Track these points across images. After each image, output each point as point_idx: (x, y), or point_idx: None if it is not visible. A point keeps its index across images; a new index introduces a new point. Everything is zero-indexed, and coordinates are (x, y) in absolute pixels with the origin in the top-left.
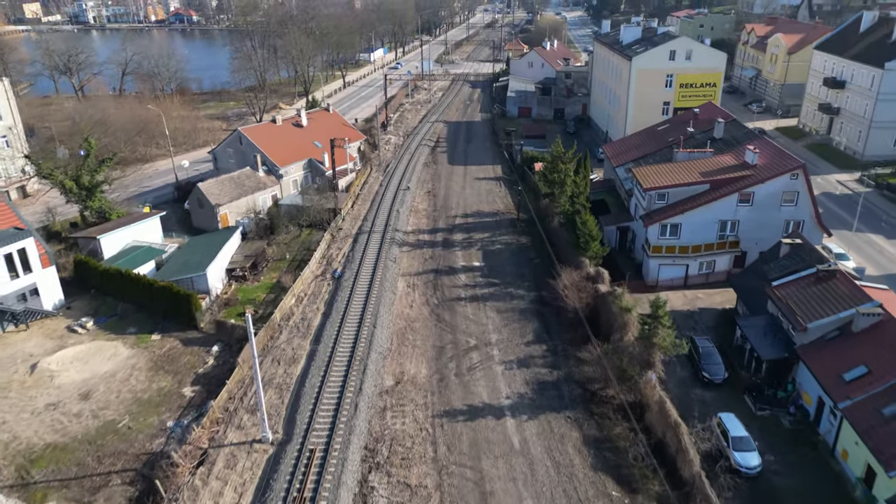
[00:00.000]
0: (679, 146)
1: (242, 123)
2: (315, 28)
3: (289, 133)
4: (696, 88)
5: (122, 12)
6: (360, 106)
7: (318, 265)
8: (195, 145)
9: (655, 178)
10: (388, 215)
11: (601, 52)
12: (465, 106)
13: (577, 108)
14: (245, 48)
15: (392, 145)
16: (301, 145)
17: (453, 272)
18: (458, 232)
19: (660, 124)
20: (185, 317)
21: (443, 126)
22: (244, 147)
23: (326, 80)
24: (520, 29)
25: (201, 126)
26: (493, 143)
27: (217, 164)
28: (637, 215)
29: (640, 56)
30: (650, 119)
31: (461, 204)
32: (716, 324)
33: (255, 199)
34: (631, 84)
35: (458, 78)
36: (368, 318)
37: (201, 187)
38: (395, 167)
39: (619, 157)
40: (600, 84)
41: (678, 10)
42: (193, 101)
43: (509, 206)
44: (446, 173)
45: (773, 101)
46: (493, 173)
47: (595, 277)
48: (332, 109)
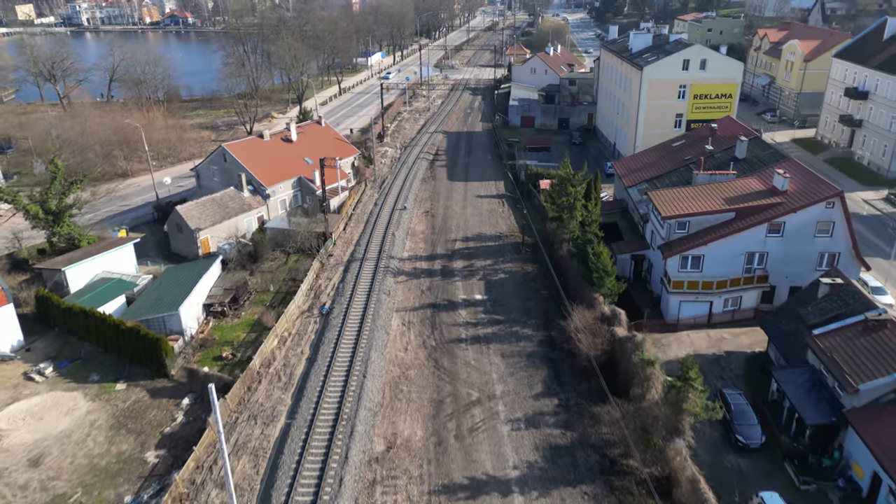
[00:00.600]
0: (700, 167)
1: (232, 134)
2: (310, 32)
3: (277, 149)
4: (710, 100)
5: (116, 14)
6: (355, 115)
7: (304, 299)
8: (180, 158)
9: (675, 204)
10: (382, 239)
11: (609, 59)
12: (465, 115)
13: (582, 118)
14: (237, 53)
15: (388, 158)
16: (290, 162)
17: (453, 307)
18: (459, 258)
19: (674, 140)
20: (154, 363)
21: (442, 137)
22: (228, 164)
23: (322, 86)
24: (521, 32)
25: (188, 137)
26: (494, 156)
27: (200, 181)
28: (654, 244)
29: (652, 65)
30: (662, 132)
31: (461, 226)
32: (746, 372)
33: (240, 221)
34: (642, 95)
35: (457, 84)
36: (358, 364)
37: (180, 211)
38: (391, 183)
39: (632, 176)
40: (608, 93)
41: (684, 13)
42: (182, 108)
43: (513, 229)
44: (446, 190)
45: (789, 111)
46: (495, 190)
47: (610, 318)
48: (324, 122)
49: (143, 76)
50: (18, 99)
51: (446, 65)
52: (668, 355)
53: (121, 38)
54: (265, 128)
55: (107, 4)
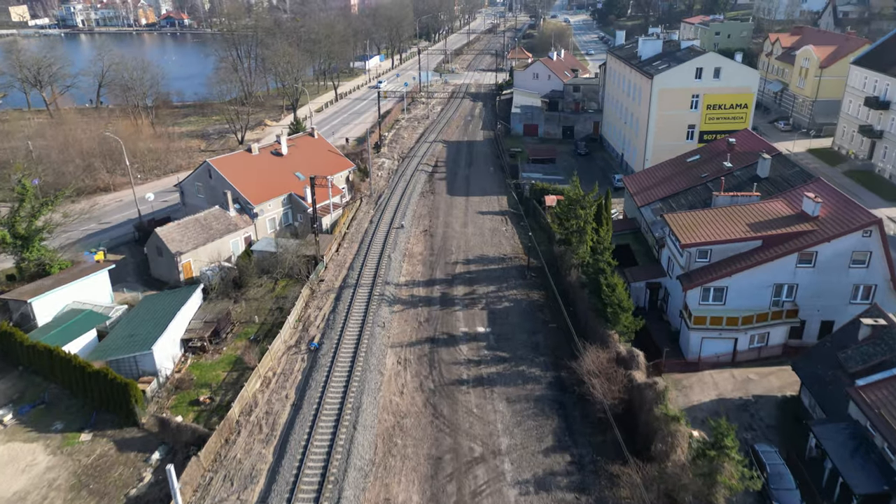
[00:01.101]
0: (720, 188)
1: (223, 143)
2: (305, 35)
3: (266, 164)
4: (724, 110)
5: (111, 16)
6: (352, 122)
7: (291, 332)
8: (167, 170)
9: (694, 229)
10: (377, 262)
11: (616, 66)
12: (465, 123)
13: (588, 127)
14: (230, 58)
15: (386, 170)
16: (280, 178)
17: (453, 341)
18: (459, 284)
19: (688, 154)
20: (122, 410)
21: (442, 147)
22: (214, 181)
23: (318, 91)
24: (522, 34)
25: (176, 147)
26: (496, 168)
27: (184, 198)
28: (672, 272)
29: (663, 74)
30: (673, 144)
31: (462, 246)
32: (778, 421)
33: (225, 243)
34: (652, 105)
35: (457, 90)
36: (348, 412)
37: (160, 233)
38: (388, 198)
39: (644, 193)
40: (615, 102)
41: (689, 15)
42: (172, 115)
43: (517, 250)
44: (445, 206)
45: (803, 119)
46: (497, 206)
47: (627, 361)
48: (316, 133)
49: (129, 82)
50: (5, 105)
51: (446, 69)
52: (691, 399)
53: (115, 40)
54: (258, 136)
55: (102, 6)
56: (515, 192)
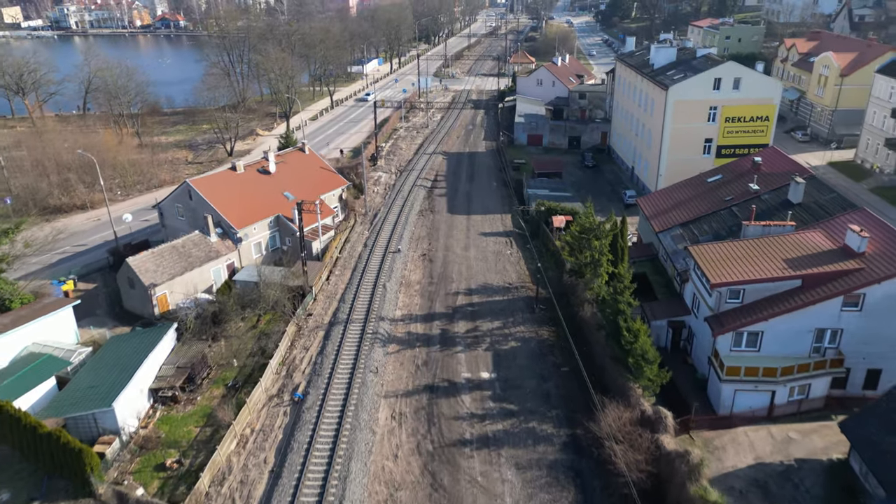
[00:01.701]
0: (750, 216)
1: (212, 154)
2: (298, 41)
3: (252, 183)
4: (744, 123)
5: (105, 17)
6: (347, 132)
7: (273, 379)
8: (150, 185)
9: (724, 265)
10: (371, 293)
11: (626, 74)
12: (466, 132)
13: (595, 137)
14: (222, 63)
15: (382, 185)
16: (267, 198)
17: (455, 390)
18: (461, 318)
19: (709, 174)
20: (78, 478)
21: (442, 159)
22: (195, 203)
23: (313, 97)
24: (524, 37)
25: (162, 158)
26: (500, 183)
27: (164, 220)
28: (698, 311)
29: (679, 85)
30: (689, 158)
31: (464, 273)
32: (826, 491)
33: (205, 272)
34: (666, 117)
35: (458, 96)
36: (334, 483)
37: (132, 264)
38: (384, 218)
39: (662, 217)
40: (624, 111)
41: (696, 18)
42: (161, 123)
43: (524, 277)
44: (446, 226)
45: (821, 129)
46: (501, 226)
47: (653, 422)
48: (307, 148)
49: (113, 90)
50: None
51: (446, 74)
52: (725, 464)
53: (109, 42)
54: (248, 146)
55: (96, 7)
56: (519, 203)
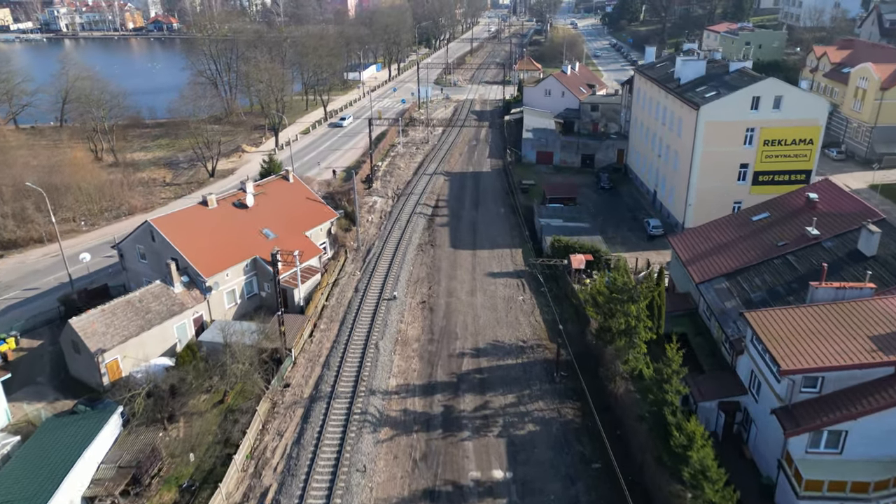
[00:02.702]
0: (820, 276)
1: (193, 174)
2: (289, 49)
3: (225, 220)
4: (785, 146)
5: (96, 20)
6: (342, 148)
7: (238, 480)
8: (120, 213)
9: (793, 342)
10: (361, 355)
11: (646, 88)
12: (470, 148)
13: (610, 155)
14: (208, 71)
15: (377, 213)
16: (243, 238)
17: (460, 497)
18: (467, 391)
19: (753, 210)
20: None
21: (444, 181)
22: (158, 245)
23: (307, 107)
24: (528, 40)
25: (138, 179)
26: (508, 209)
27: (124, 262)
28: (759, 394)
29: (712, 104)
30: (722, 186)
31: (470, 326)
32: None
33: (168, 329)
34: (697, 139)
35: (460, 106)
36: None
37: (76, 326)
38: (378, 253)
39: (702, 264)
40: (644, 129)
41: (711, 21)
42: (141, 137)
43: (539, 332)
44: (448, 265)
45: (858, 147)
46: (511, 263)
47: None
48: (292, 175)
49: (86, 102)
50: None
51: (447, 81)
52: None
53: (100, 45)
54: (233, 165)
55: (87, 10)
56: (538, 267)
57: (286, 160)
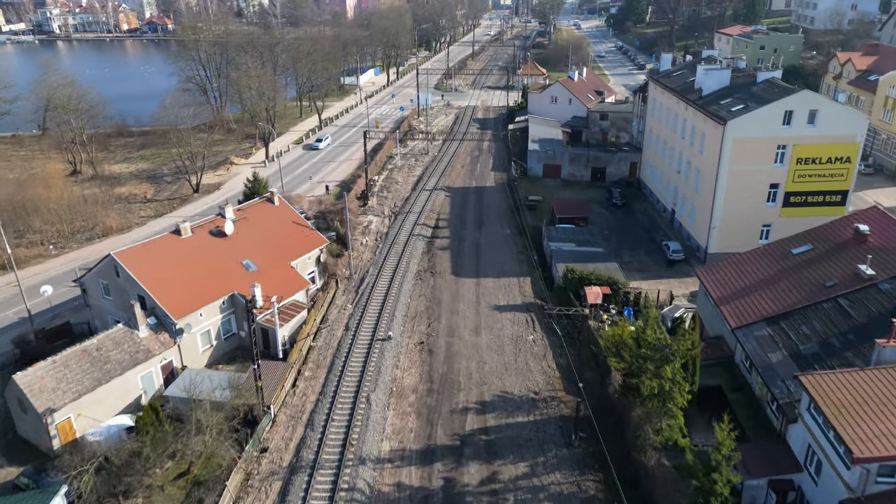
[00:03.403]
0: (890, 335)
1: (177, 189)
2: (281, 54)
3: (200, 251)
4: (819, 165)
5: (90, 21)
6: (337, 160)
7: None
8: (94, 234)
9: (862, 418)
10: (350, 411)
11: (663, 99)
12: (472, 160)
13: (622, 168)
14: (197, 77)
15: (373, 234)
16: (220, 272)
17: None
18: (472, 458)
19: (792, 241)
20: None
21: (444, 197)
22: (123, 281)
23: (302, 114)
24: (531, 42)
25: (118, 194)
26: (514, 230)
27: (88, 298)
28: (818, 474)
29: (740, 119)
30: (750, 208)
31: (474, 373)
32: None
33: (131, 380)
34: (723, 157)
35: (462, 114)
36: None
37: (20, 382)
38: (373, 283)
39: (738, 304)
40: (661, 142)
41: (721, 24)
42: (126, 147)
43: (553, 380)
44: (450, 296)
45: (889, 161)
46: (519, 295)
47: None
48: (277, 198)
49: (64, 111)
50: None
51: (448, 86)
52: None
53: (93, 47)
54: (220, 179)
55: (80, 11)
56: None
57: (274, 176)
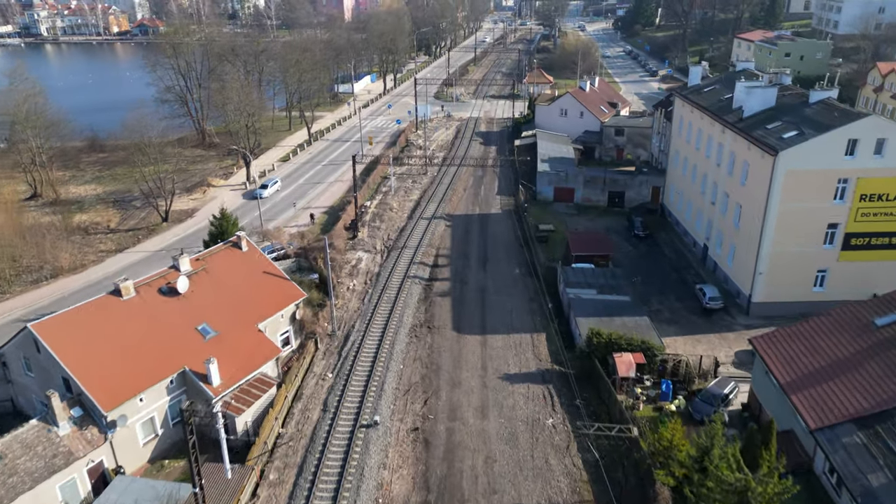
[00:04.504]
0: None
1: (145, 216)
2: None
3: (145, 316)
4: (887, 202)
5: (79, 23)
6: (326, 181)
7: None
8: (42, 276)
9: None
10: None
11: (692, 118)
12: (475, 181)
13: (643, 192)
14: (177, 87)
15: (362, 276)
16: (169, 341)
17: None
18: None
19: (872, 306)
20: None
21: (444, 228)
22: (44, 359)
23: (291, 126)
24: (536, 47)
25: (79, 223)
26: (524, 268)
27: (8, 373)
28: None
29: (796, 149)
30: (804, 251)
31: (481, 477)
32: None
33: (48, 492)
34: (773, 191)
35: (463, 126)
36: None
37: None
38: (359, 341)
39: (811, 394)
40: (689, 166)
41: (738, 27)
42: (97, 164)
43: (581, 488)
44: (450, 359)
45: None
46: (533, 357)
47: None
48: (245, 242)
49: (21, 127)
50: None
51: (449, 95)
52: None
53: (82, 51)
54: (195, 204)
55: (69, 13)
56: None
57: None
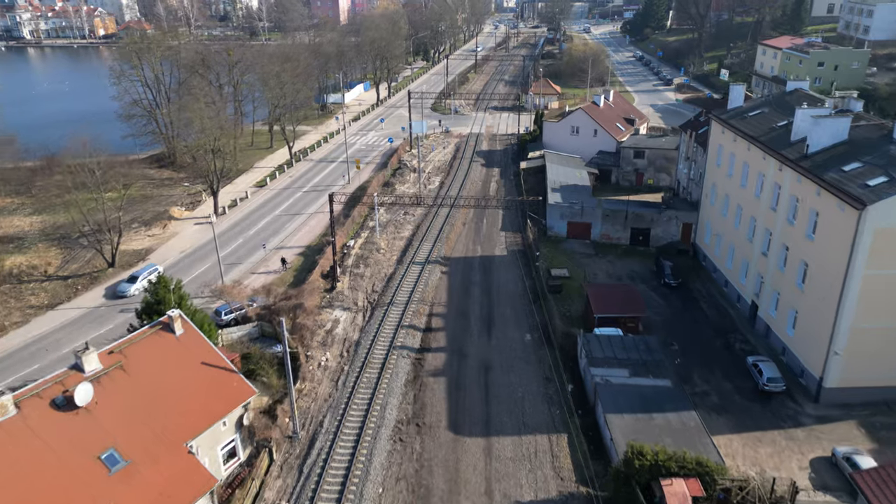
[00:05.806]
0: None
1: (90, 259)
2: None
3: (27, 445)
4: None
5: (63, 26)
6: (306, 210)
7: None
8: None
9: None
10: None
11: (734, 148)
12: (476, 214)
13: (672, 230)
14: (146, 100)
15: (336, 345)
16: (57, 478)
17: None
18: None
19: None
20: None
21: (439, 275)
22: None
23: (271, 144)
24: (540, 52)
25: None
26: (536, 332)
27: None
28: None
29: (887, 202)
30: (891, 327)
31: None
32: None
33: None
34: (857, 253)
35: (463, 144)
36: None
37: None
38: (327, 450)
39: None
40: (731, 205)
41: (759, 32)
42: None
43: None
44: (443, 481)
45: None
46: (553, 474)
47: None
48: (179, 323)
49: None
50: None
51: (447, 107)
52: None
53: (66, 54)
54: (153, 241)
55: (53, 15)
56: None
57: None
